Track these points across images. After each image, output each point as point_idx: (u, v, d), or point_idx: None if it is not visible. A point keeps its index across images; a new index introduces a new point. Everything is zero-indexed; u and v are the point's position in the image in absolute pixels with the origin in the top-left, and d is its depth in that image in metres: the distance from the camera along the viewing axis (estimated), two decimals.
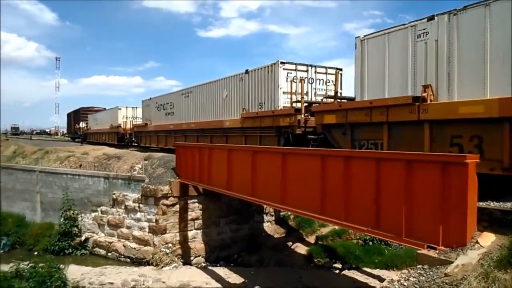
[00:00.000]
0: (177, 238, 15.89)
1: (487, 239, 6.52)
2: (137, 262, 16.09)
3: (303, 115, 13.72)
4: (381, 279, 12.56)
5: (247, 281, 13.54)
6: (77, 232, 18.17)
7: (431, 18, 9.19)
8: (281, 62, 15.05)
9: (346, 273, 13.61)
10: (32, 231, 19.75)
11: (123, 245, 16.99)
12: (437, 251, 6.19)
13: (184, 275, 14.18)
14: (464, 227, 6.03)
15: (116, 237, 17.55)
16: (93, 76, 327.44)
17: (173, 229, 15.86)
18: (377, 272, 13.43)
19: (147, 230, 16.33)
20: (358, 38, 11.15)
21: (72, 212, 18.46)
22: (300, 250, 15.94)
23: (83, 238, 18.19)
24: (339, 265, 14.38)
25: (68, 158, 24.01)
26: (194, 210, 16.21)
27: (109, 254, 17.39)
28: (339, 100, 12.52)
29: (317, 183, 8.69)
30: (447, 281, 5.37)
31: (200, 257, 16.06)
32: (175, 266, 15.12)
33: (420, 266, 6.20)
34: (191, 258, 15.89)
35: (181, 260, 15.62)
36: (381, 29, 10.72)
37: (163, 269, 14.79)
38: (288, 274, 13.89)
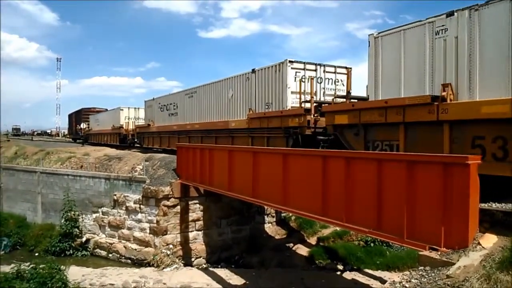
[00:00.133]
0: (178, 239, 15.87)
1: (489, 241, 6.48)
2: (138, 263, 16.07)
3: (313, 116, 13.46)
4: (382, 281, 12.54)
5: (248, 282, 13.52)
6: (78, 233, 18.16)
7: (450, 14, 8.83)
8: (290, 61, 14.76)
9: (347, 275, 13.58)
10: (33, 232, 19.74)
11: (124, 246, 16.98)
12: (439, 253, 6.16)
13: (185, 276, 14.17)
14: (466, 228, 6.00)
15: (117, 238, 17.53)
16: (94, 76, 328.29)
17: (174, 230, 15.84)
18: (378, 273, 13.41)
19: (148, 231, 16.31)
20: (371, 35, 10.80)
21: (73, 213, 18.45)
22: (301, 251, 15.91)
23: (84, 239, 18.18)
24: (340, 267, 14.35)
25: (69, 159, 24.00)
26: (195, 211, 16.19)
27: (110, 255, 17.38)
28: (351, 100, 12.15)
29: (318, 184, 8.67)
30: (449, 282, 5.35)
31: (201, 258, 16.03)
32: (176, 267, 15.11)
33: (421, 267, 6.18)
34: (192, 259, 15.86)
35: (182, 261, 15.59)
36: (395, 26, 10.28)
37: (164, 270, 14.78)
38: (289, 275, 13.86)
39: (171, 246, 15.68)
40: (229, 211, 16.86)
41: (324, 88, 15.59)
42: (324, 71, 15.60)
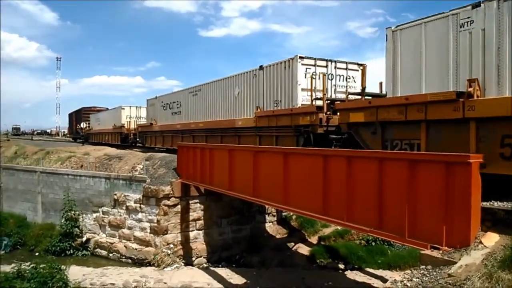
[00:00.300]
0: (179, 238, 15.85)
1: (491, 239, 6.48)
2: (139, 263, 16.05)
3: (325, 113, 13.05)
4: (384, 280, 12.50)
5: (249, 281, 13.50)
6: (78, 232, 18.14)
7: (476, 5, 8.40)
8: (300, 56, 14.33)
9: (348, 274, 13.54)
10: (33, 231, 19.72)
11: (125, 246, 16.96)
12: (441, 252, 6.16)
13: (185, 275, 14.14)
14: (467, 227, 5.97)
15: (117, 237, 17.51)
16: (94, 76, 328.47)
17: (175, 229, 15.82)
18: (380, 272, 13.36)
19: (148, 230, 16.29)
20: (389, 29, 10.37)
21: (73, 212, 18.42)
22: (302, 250, 15.88)
23: (84, 239, 18.16)
24: (341, 266, 14.31)
25: (69, 158, 23.98)
26: (195, 210, 16.17)
27: (111, 255, 17.36)
28: (367, 97, 11.71)
29: (320, 183, 8.64)
30: (450, 281, 5.34)
31: (201, 257, 16.01)
32: (176, 266, 15.08)
33: (423, 266, 6.18)
34: (193, 258, 15.84)
35: (183, 260, 15.57)
36: (416, 19, 9.81)
37: (165, 269, 14.76)
38: (290, 274, 13.83)
39: (171, 245, 15.66)
40: (229, 211, 16.83)
41: (335, 85, 15.09)
42: (335, 67, 15.13)
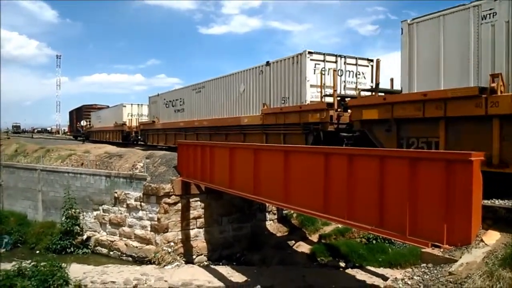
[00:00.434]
0: (179, 236, 15.86)
1: (492, 237, 6.47)
2: (139, 261, 16.07)
3: (336, 110, 12.70)
4: (385, 278, 12.49)
5: (249, 279, 13.50)
6: (78, 231, 18.18)
7: None
8: (309, 52, 13.91)
9: (349, 272, 13.55)
10: (34, 229, 19.77)
11: (125, 244, 16.99)
12: (442, 250, 6.15)
13: (186, 273, 14.16)
14: (468, 225, 5.96)
15: (118, 235, 17.54)
16: (94, 74, 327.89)
17: (175, 227, 15.83)
18: (380, 270, 13.36)
19: (149, 228, 16.31)
20: (405, 22, 9.95)
21: (73, 210, 18.46)
22: (303, 248, 15.88)
23: (84, 237, 18.20)
24: (342, 264, 14.31)
25: (69, 156, 23.98)
26: (196, 208, 16.18)
27: (111, 253, 17.40)
28: (381, 93, 11.32)
29: (320, 181, 8.62)
30: (451, 279, 5.33)
31: (202, 255, 16.02)
32: (177, 264, 15.10)
33: (424, 264, 6.17)
34: (193, 256, 15.86)
35: (183, 258, 15.59)
36: (434, 11, 9.38)
37: (165, 267, 14.78)
38: (291, 272, 13.84)
39: (172, 243, 15.67)
40: (230, 209, 16.83)
41: (344, 81, 14.74)
42: (344, 63, 14.77)
